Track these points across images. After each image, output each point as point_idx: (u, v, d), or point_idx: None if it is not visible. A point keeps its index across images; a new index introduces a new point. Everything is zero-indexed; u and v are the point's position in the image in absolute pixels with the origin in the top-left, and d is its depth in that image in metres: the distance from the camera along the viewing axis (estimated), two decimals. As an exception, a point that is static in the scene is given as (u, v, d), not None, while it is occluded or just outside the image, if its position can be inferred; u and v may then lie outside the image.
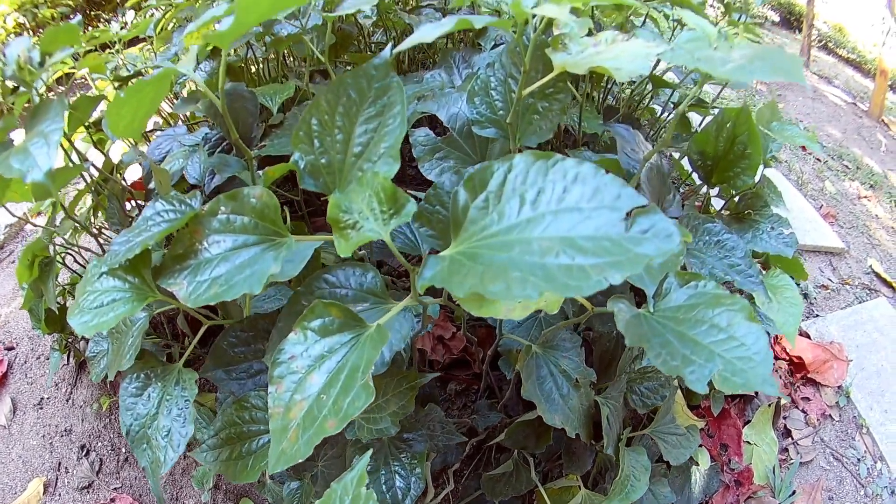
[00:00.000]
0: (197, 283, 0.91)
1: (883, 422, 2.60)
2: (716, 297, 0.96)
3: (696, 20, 1.06)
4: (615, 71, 0.89)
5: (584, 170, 0.65)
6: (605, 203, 0.64)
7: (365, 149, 0.91)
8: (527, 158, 0.69)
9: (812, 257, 3.38)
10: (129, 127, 0.91)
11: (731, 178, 1.49)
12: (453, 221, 0.75)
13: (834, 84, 6.45)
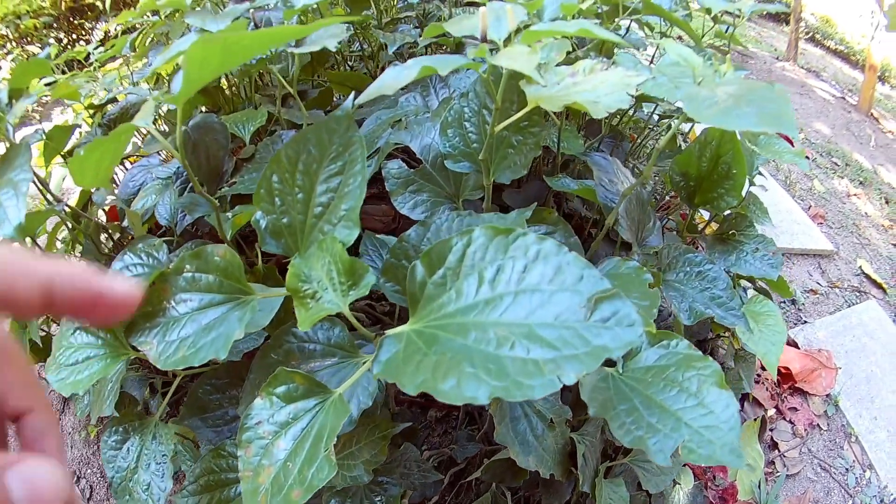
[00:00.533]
0: (166, 344, 0.88)
1: (872, 429, 2.58)
2: (687, 359, 0.94)
3: (678, 50, 1.02)
4: (592, 106, 0.85)
5: (546, 247, 0.62)
6: (567, 285, 0.60)
7: (326, 209, 0.87)
8: (487, 232, 0.66)
9: (800, 261, 3.35)
10: (94, 178, 0.88)
11: (714, 199, 1.46)
12: (410, 297, 0.71)
13: (822, 78, 6.42)
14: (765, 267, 1.53)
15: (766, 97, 0.81)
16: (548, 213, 1.17)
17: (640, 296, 1.01)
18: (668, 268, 1.30)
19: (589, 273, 0.59)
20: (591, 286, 0.59)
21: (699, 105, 0.83)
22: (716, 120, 0.80)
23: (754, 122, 0.76)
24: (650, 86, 1.03)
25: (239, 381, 1.19)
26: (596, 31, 0.84)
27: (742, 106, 0.80)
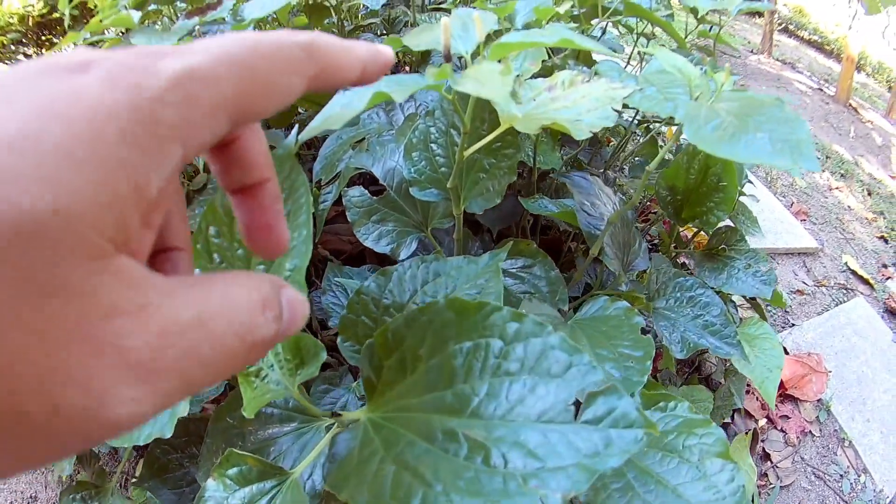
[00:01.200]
0: None
1: (865, 432, 2.52)
2: (688, 424, 0.85)
3: (671, 60, 0.91)
4: (573, 126, 0.75)
5: (527, 327, 0.51)
6: (552, 374, 0.49)
7: (268, 269, 0.76)
8: (454, 305, 0.55)
9: (785, 261, 3.29)
10: None
11: (703, 213, 1.37)
12: (366, 382, 0.60)
13: (798, 69, 6.38)
14: (757, 284, 1.44)
15: (776, 117, 0.70)
16: (525, 245, 1.06)
17: (632, 344, 0.90)
18: (657, 294, 1.21)
19: (579, 360, 0.49)
20: (581, 377, 0.48)
21: (700, 127, 0.71)
22: (723, 149, 0.67)
23: (768, 152, 0.64)
24: (638, 99, 0.93)
25: (198, 439, 1.10)
26: (577, 39, 0.72)
27: (750, 129, 0.68)
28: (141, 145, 0.25)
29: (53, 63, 0.26)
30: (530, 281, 1.05)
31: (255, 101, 0.29)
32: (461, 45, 0.79)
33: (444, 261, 0.82)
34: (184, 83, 0.26)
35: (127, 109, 0.24)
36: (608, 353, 0.90)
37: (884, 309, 3.17)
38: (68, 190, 0.22)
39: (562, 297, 1.04)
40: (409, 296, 0.79)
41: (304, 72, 0.32)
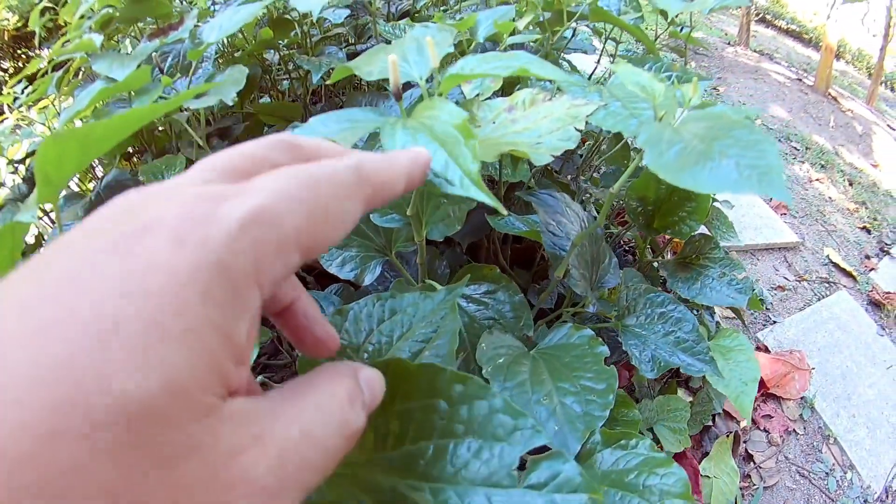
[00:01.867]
0: None
1: (850, 428, 2.52)
2: (648, 463, 0.82)
3: (634, 78, 0.88)
4: (533, 151, 0.72)
5: (471, 389, 0.49)
6: (497, 436, 0.48)
7: None
8: (398, 366, 0.53)
9: (765, 256, 3.28)
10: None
11: (675, 223, 1.35)
12: None
13: (776, 60, 6.39)
14: (732, 293, 1.41)
15: (744, 140, 0.66)
16: (488, 270, 1.04)
17: (595, 376, 0.88)
18: (627, 311, 1.19)
19: (524, 423, 0.47)
20: (525, 441, 0.47)
21: (662, 153, 0.66)
22: (685, 178, 0.61)
23: (733, 181, 0.60)
24: (601, 116, 0.90)
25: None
26: (535, 68, 0.70)
27: (715, 156, 0.63)
28: (223, 301, 0.26)
29: (110, 229, 0.27)
30: (494, 306, 1.03)
31: (319, 232, 0.31)
32: (415, 70, 0.76)
33: (399, 297, 0.79)
34: (250, 228, 0.28)
35: (203, 269, 0.25)
36: (570, 386, 0.87)
37: (867, 301, 3.17)
38: (169, 366, 0.23)
39: (526, 322, 1.02)
40: (365, 336, 0.76)
41: (359, 196, 0.34)
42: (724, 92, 5.09)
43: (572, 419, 0.82)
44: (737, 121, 0.71)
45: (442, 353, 0.73)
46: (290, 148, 0.36)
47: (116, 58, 1.32)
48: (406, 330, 0.76)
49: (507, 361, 0.89)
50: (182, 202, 0.28)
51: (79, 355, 0.22)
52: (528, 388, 0.86)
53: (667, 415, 1.80)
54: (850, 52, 7.98)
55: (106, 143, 0.61)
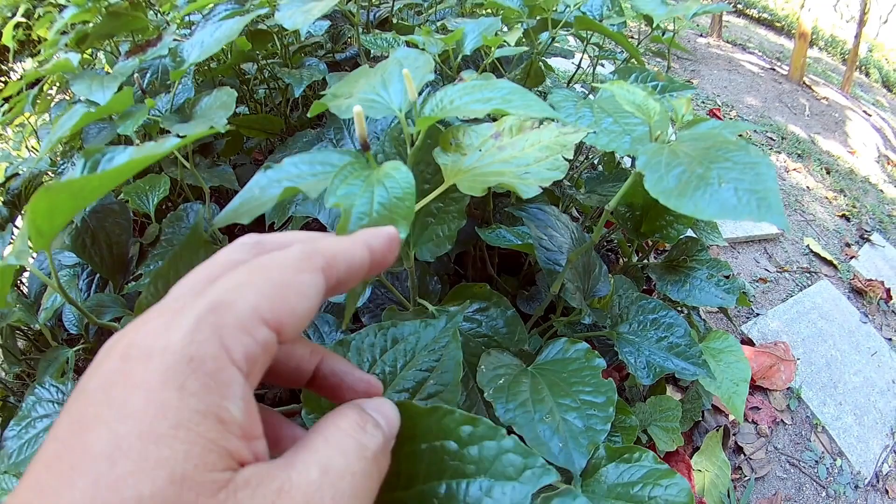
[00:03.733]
0: None
1: (838, 415, 2.55)
2: (652, 474, 0.84)
3: (630, 97, 0.87)
4: (521, 183, 0.72)
5: (480, 430, 0.50)
6: (507, 475, 0.48)
7: None
8: (407, 409, 0.53)
9: (746, 248, 3.30)
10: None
11: (662, 227, 1.36)
12: None
13: (749, 50, 6.42)
14: (721, 294, 1.43)
15: (741, 163, 0.65)
16: (479, 289, 1.04)
17: (594, 390, 0.89)
18: (620, 319, 1.20)
19: (533, 462, 0.48)
20: (536, 479, 0.47)
21: (662, 177, 0.65)
22: (687, 205, 0.60)
23: (733, 206, 0.59)
24: (593, 137, 0.91)
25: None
26: (517, 106, 0.69)
27: (714, 181, 0.63)
28: (200, 389, 0.28)
29: (98, 374, 0.29)
30: (487, 323, 1.03)
31: (278, 305, 0.32)
32: (395, 101, 0.76)
33: (400, 326, 0.79)
34: (206, 318, 0.30)
35: (172, 369, 0.28)
36: (571, 401, 0.88)
37: (849, 289, 3.21)
38: (168, 461, 0.26)
39: (521, 336, 1.02)
40: (369, 366, 0.77)
41: (312, 267, 0.35)
42: (699, 84, 5.12)
43: (575, 435, 0.83)
44: (732, 141, 0.71)
45: (447, 381, 0.73)
46: (254, 247, 0.39)
47: (95, 78, 1.30)
48: (409, 359, 0.76)
49: (507, 382, 0.90)
50: (146, 326, 0.30)
51: (101, 482, 0.25)
52: (531, 407, 0.86)
53: (660, 415, 1.82)
54: (823, 39, 8.05)
55: (99, 192, 0.61)
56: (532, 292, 1.42)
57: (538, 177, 0.74)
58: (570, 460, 0.81)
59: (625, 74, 1.34)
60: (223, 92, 1.14)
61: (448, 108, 0.70)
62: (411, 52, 0.86)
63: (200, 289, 0.34)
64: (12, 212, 1.58)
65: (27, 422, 1.04)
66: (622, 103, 0.87)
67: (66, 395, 1.07)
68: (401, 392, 0.74)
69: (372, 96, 0.77)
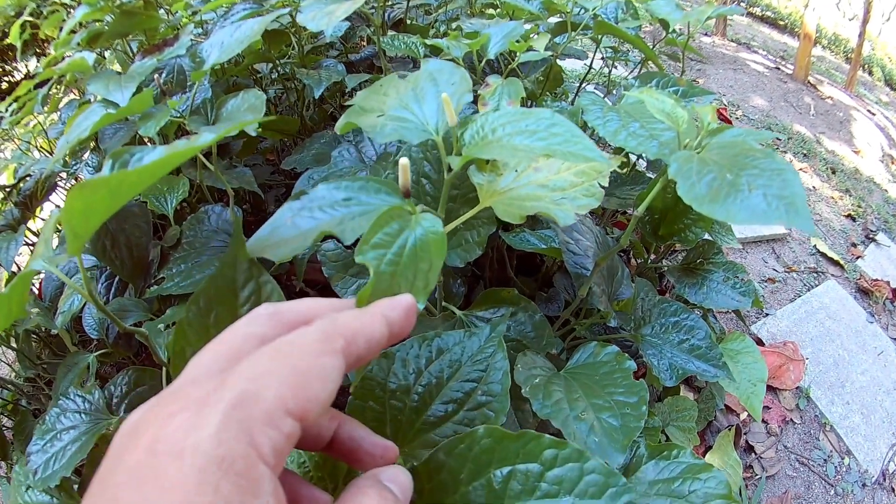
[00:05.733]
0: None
1: (846, 415, 2.56)
2: (691, 470, 0.87)
3: (659, 105, 0.87)
4: (559, 210, 0.71)
5: (565, 453, 0.52)
6: (591, 494, 0.51)
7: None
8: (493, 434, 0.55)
9: (754, 249, 3.31)
10: (6, 322, 0.76)
11: (680, 230, 1.36)
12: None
13: (753, 49, 6.42)
14: (737, 296, 1.44)
15: (768, 169, 0.66)
16: (507, 294, 1.05)
17: (626, 391, 0.90)
18: (642, 322, 1.21)
19: (615, 482, 0.50)
20: (618, 497, 0.50)
21: (694, 184, 0.66)
22: (719, 211, 0.61)
23: (762, 212, 0.61)
24: (623, 138, 0.92)
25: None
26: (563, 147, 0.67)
27: (744, 187, 0.64)
28: (233, 492, 0.28)
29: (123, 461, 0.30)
30: (515, 328, 1.04)
31: (302, 394, 0.33)
32: (431, 121, 0.74)
33: (444, 335, 0.80)
34: (233, 415, 0.30)
35: (206, 471, 0.28)
36: (604, 402, 0.90)
37: (856, 289, 3.22)
38: None
39: (549, 340, 1.03)
40: (415, 377, 0.77)
41: (332, 350, 0.36)
42: (705, 83, 5.12)
43: (611, 432, 0.84)
44: (758, 149, 0.72)
45: (495, 391, 0.74)
46: (271, 318, 0.40)
47: (112, 78, 1.28)
48: (455, 370, 0.77)
49: (543, 381, 0.91)
50: (171, 420, 0.31)
51: None
52: (566, 405, 0.88)
53: (677, 415, 1.83)
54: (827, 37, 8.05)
55: (137, 189, 0.61)
56: (550, 294, 1.42)
57: (575, 203, 0.73)
58: (608, 455, 0.82)
59: (646, 80, 1.35)
60: (251, 94, 1.14)
61: (490, 140, 0.67)
62: (445, 66, 0.84)
63: (221, 369, 0.35)
64: (24, 213, 1.58)
65: (52, 435, 1.03)
66: (652, 111, 0.87)
67: (92, 404, 1.06)
68: (448, 403, 0.74)
69: (405, 114, 0.73)
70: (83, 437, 0.97)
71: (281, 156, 2.01)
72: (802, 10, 5.70)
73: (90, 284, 0.79)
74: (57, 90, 1.96)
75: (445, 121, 0.71)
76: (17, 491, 1.04)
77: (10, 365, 1.99)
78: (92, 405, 1.06)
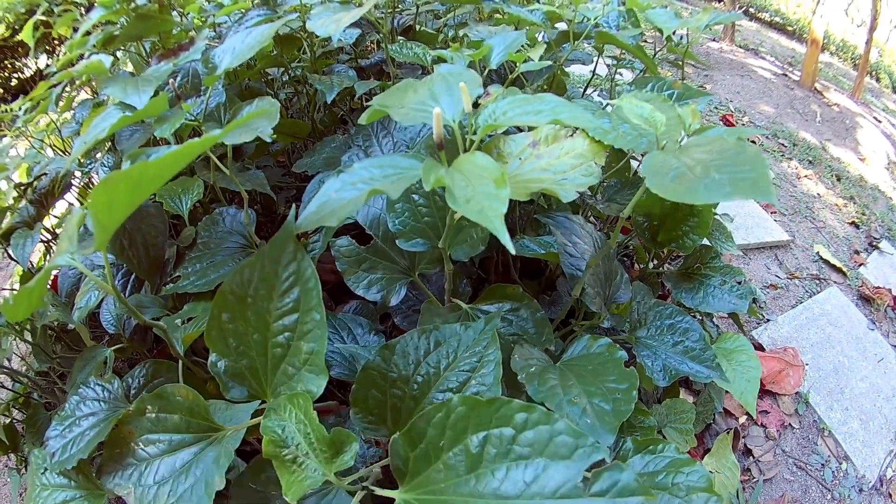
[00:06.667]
0: (144, 489, 0.83)
1: (844, 420, 2.58)
2: (675, 464, 0.94)
3: (638, 111, 0.94)
4: (560, 188, 0.79)
5: (535, 416, 0.57)
6: (561, 455, 0.55)
7: (286, 350, 0.79)
8: (467, 402, 0.60)
9: (757, 255, 3.34)
10: (27, 312, 0.81)
11: (679, 236, 1.41)
12: (395, 470, 0.66)
13: (761, 55, 6.44)
14: (733, 300, 1.48)
15: (738, 160, 0.73)
16: (512, 290, 1.10)
17: (617, 378, 0.95)
18: (638, 324, 1.25)
19: (583, 442, 0.55)
20: (587, 457, 0.55)
21: (662, 178, 0.74)
22: (683, 197, 0.70)
23: (727, 192, 0.68)
24: (613, 137, 0.96)
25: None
26: (567, 117, 0.75)
27: (712, 173, 0.72)
28: None
29: None
30: (518, 323, 1.09)
31: None
32: (448, 112, 0.81)
33: (442, 328, 0.85)
34: None
35: None
36: (596, 388, 0.94)
37: (857, 296, 3.24)
38: None
39: (548, 337, 1.08)
40: (414, 367, 0.83)
41: None
42: (712, 89, 5.15)
43: (602, 415, 0.89)
44: (731, 145, 0.79)
45: (488, 381, 0.79)
46: None
47: (130, 81, 1.30)
48: (451, 360, 0.83)
49: (538, 370, 0.96)
50: None
51: None
52: (560, 391, 0.93)
53: (674, 417, 1.87)
54: (835, 43, 8.06)
55: (158, 181, 0.66)
56: (553, 297, 1.47)
57: (574, 182, 0.80)
58: (599, 436, 0.87)
59: (642, 84, 1.39)
60: (265, 101, 1.17)
61: (501, 119, 0.76)
62: (454, 69, 0.92)
63: None
64: (39, 211, 1.61)
65: (71, 421, 1.05)
66: (630, 116, 0.93)
67: (111, 393, 1.09)
68: (445, 391, 0.80)
69: (424, 107, 0.83)
70: (101, 424, 1.00)
71: (291, 158, 2.05)
72: (811, 16, 5.71)
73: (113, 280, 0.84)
74: (70, 89, 2.00)
75: (460, 111, 0.80)
76: (35, 474, 1.06)
77: (24, 358, 2.03)
78: (111, 394, 1.09)
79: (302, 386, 0.78)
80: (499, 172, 0.64)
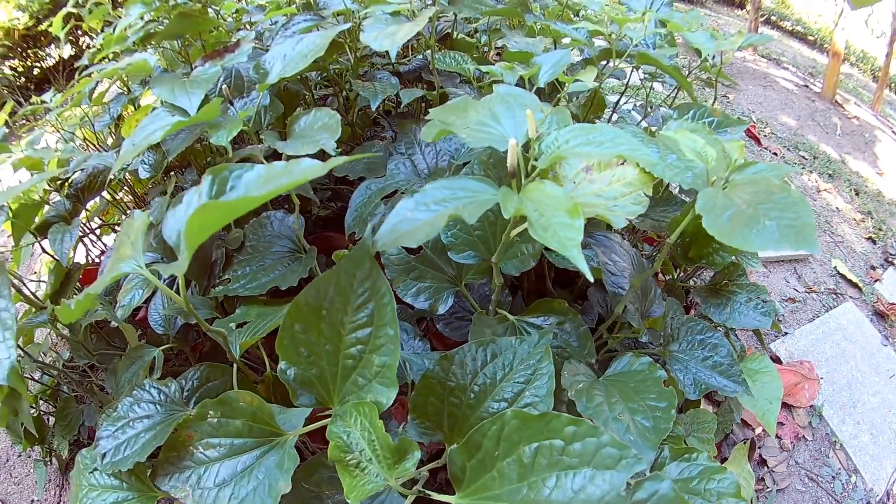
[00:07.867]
0: (204, 491, 0.86)
1: (855, 434, 2.62)
2: (707, 471, 1.02)
3: (691, 145, 0.97)
4: (611, 215, 0.84)
5: (583, 429, 0.62)
6: (606, 465, 0.61)
7: (357, 362, 0.84)
8: (520, 415, 0.65)
9: (776, 268, 3.37)
10: (80, 314, 0.85)
11: (709, 253, 1.45)
12: (453, 477, 0.71)
13: (783, 65, 6.44)
14: (758, 317, 1.53)
15: (783, 203, 0.79)
16: (557, 304, 1.15)
17: (657, 396, 1.01)
18: (671, 339, 1.30)
19: (627, 454, 0.61)
20: (630, 467, 0.60)
21: (717, 217, 0.79)
22: (736, 239, 0.76)
23: (775, 240, 0.74)
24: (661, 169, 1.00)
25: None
26: (634, 153, 0.80)
27: (762, 218, 0.77)
28: None
29: None
30: (562, 336, 1.14)
31: None
32: (509, 134, 0.86)
33: (498, 341, 0.91)
34: None
35: None
36: (638, 406, 1.00)
37: (872, 312, 3.26)
38: None
39: (590, 351, 1.13)
40: (471, 377, 0.89)
41: None
42: (734, 99, 5.17)
43: (644, 432, 0.94)
44: (776, 185, 0.83)
45: (541, 393, 0.85)
46: None
47: (177, 83, 1.32)
48: (507, 372, 0.88)
49: (586, 386, 1.02)
50: None
51: None
52: (606, 408, 0.98)
53: (697, 427, 1.91)
54: (855, 55, 8.04)
55: (243, 210, 0.70)
56: (584, 307, 1.51)
57: (625, 210, 0.85)
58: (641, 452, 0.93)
59: (683, 111, 1.44)
60: (324, 113, 1.20)
61: (564, 147, 0.80)
62: (514, 91, 0.97)
63: None
64: (75, 205, 1.64)
65: (124, 422, 1.08)
66: (685, 150, 0.97)
67: (168, 396, 1.11)
68: (500, 401, 0.85)
69: (486, 129, 0.88)
70: (157, 427, 1.03)
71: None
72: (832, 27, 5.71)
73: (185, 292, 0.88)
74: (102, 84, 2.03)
75: (524, 133, 0.85)
76: (83, 474, 1.07)
77: (53, 348, 2.06)
78: (168, 397, 1.12)
79: (371, 397, 0.82)
80: (570, 203, 0.69)
